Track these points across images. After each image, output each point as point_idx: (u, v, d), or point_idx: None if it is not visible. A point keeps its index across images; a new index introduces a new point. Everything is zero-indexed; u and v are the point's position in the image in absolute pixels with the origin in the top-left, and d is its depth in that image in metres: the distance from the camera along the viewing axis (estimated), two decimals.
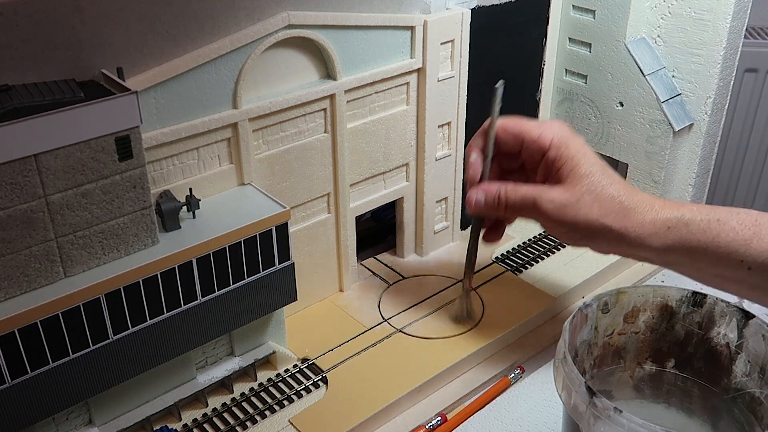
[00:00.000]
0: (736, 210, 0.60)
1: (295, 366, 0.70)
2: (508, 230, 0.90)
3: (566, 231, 0.63)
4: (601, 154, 0.90)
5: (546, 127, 0.64)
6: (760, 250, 0.58)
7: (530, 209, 0.64)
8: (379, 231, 0.88)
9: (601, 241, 0.63)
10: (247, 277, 0.63)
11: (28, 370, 0.53)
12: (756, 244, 0.58)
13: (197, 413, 0.65)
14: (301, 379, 0.68)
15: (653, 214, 0.60)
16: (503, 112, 0.67)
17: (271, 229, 0.63)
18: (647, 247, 0.61)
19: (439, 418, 0.66)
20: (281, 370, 0.69)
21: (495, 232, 0.70)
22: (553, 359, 0.53)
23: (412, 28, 0.72)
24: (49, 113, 0.48)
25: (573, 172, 0.62)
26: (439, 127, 0.80)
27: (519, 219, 0.68)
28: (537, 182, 0.66)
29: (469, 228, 0.71)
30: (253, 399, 0.66)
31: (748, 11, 0.79)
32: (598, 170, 0.62)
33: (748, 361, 0.54)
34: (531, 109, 0.92)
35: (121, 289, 0.55)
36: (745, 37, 0.83)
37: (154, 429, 0.62)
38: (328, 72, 0.69)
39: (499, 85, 0.66)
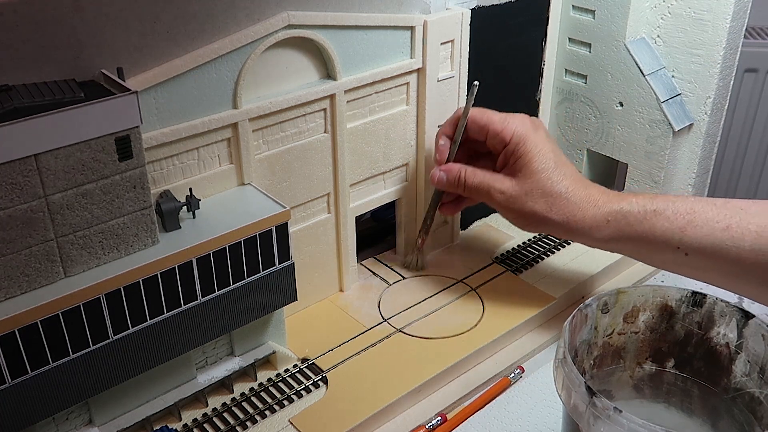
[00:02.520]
0: (675, 198, 0.66)
1: (295, 366, 0.70)
2: (509, 230, 0.90)
3: (515, 218, 0.71)
4: (601, 154, 0.91)
5: (509, 121, 0.71)
6: (695, 237, 0.63)
7: (484, 195, 0.72)
8: (379, 231, 0.88)
9: (548, 229, 0.71)
10: (247, 277, 0.63)
11: (28, 370, 0.53)
12: (690, 231, 0.63)
13: (197, 413, 0.65)
14: (301, 379, 0.68)
15: (595, 210, 0.67)
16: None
17: (271, 229, 0.63)
18: (591, 237, 0.69)
19: (439, 418, 0.66)
20: (281, 370, 0.69)
21: (452, 207, 0.79)
22: (553, 359, 0.53)
23: (412, 28, 0.72)
24: (49, 113, 0.48)
25: (526, 167, 0.69)
26: (439, 127, 0.80)
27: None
28: (498, 169, 0.72)
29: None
30: (253, 399, 0.66)
31: (748, 11, 0.79)
32: (551, 167, 0.68)
33: (748, 361, 0.54)
34: (531, 109, 0.92)
35: (121, 289, 0.55)
36: (745, 37, 0.83)
37: (154, 429, 0.62)
38: (328, 72, 0.69)
39: (476, 84, 0.73)
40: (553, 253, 0.86)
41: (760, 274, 0.61)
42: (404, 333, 0.74)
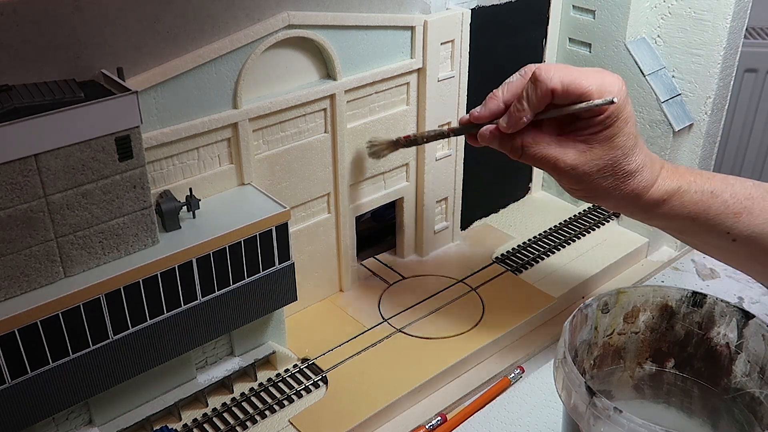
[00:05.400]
0: (734, 181, 0.63)
1: (295, 366, 0.70)
2: (509, 230, 0.90)
3: (577, 190, 0.64)
4: None
5: (607, 92, 0.60)
6: (748, 224, 0.62)
7: (549, 168, 0.63)
8: (379, 231, 0.88)
9: (604, 203, 0.65)
10: (247, 277, 0.63)
11: (28, 370, 0.53)
12: (745, 217, 0.62)
13: (197, 413, 0.65)
14: (301, 379, 0.68)
15: (656, 188, 0.64)
16: None
17: (271, 229, 0.63)
18: (644, 213, 0.65)
19: (439, 418, 0.66)
20: (281, 370, 0.69)
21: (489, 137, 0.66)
22: (553, 359, 0.53)
23: (412, 28, 0.72)
24: (49, 113, 0.48)
25: (607, 141, 0.61)
26: (439, 127, 0.80)
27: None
28: (564, 127, 0.63)
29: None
30: (253, 399, 0.66)
31: (748, 11, 0.79)
32: (631, 145, 0.62)
33: (748, 361, 0.54)
34: None
35: (121, 289, 0.55)
36: (745, 37, 0.83)
37: (154, 429, 0.62)
38: (328, 72, 0.69)
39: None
40: (553, 253, 0.86)
41: None
42: (404, 333, 0.74)
